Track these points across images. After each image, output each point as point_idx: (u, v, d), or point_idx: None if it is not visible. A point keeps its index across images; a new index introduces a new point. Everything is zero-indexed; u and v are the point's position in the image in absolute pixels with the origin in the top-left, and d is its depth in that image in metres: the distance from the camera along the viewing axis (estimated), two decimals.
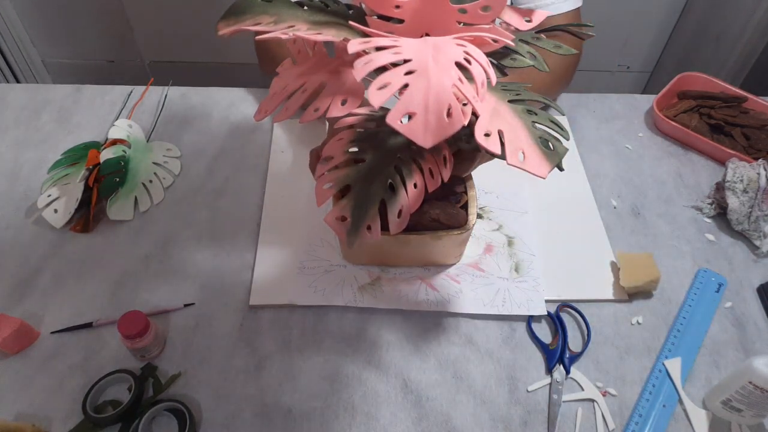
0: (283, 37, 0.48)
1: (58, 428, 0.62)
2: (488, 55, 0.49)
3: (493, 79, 0.45)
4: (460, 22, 0.54)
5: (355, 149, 0.58)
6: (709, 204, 0.84)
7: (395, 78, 0.42)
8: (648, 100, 1.00)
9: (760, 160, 0.83)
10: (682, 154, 0.92)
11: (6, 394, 0.64)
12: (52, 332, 0.69)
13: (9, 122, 0.94)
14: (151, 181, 0.84)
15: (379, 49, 0.44)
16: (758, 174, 0.80)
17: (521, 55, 0.56)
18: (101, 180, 0.80)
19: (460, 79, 0.43)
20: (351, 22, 0.52)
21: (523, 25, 0.58)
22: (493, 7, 0.51)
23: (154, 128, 0.93)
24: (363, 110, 0.57)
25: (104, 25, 1.73)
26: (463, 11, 0.52)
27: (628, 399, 0.65)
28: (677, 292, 0.75)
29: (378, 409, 0.64)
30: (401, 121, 0.43)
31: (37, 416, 0.62)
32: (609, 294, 0.74)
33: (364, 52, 0.46)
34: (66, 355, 0.67)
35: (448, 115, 0.42)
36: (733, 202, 0.80)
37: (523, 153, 0.46)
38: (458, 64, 0.44)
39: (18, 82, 1.76)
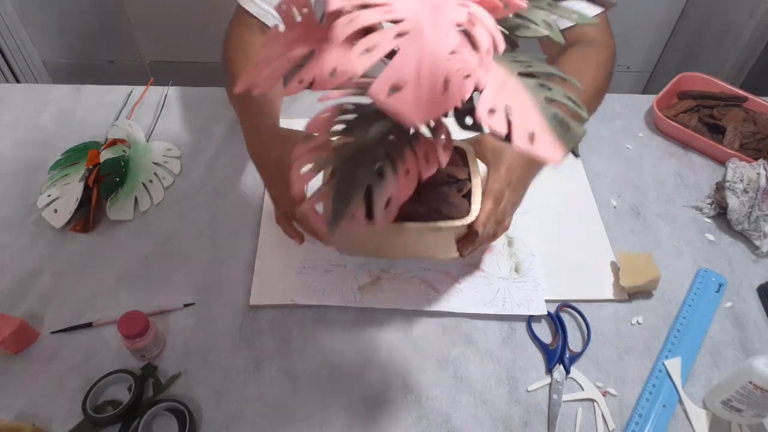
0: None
1: (58, 428, 0.62)
2: (498, 22, 0.44)
3: (501, 47, 0.40)
4: None
5: (341, 127, 0.51)
6: (709, 204, 0.84)
7: (383, 40, 0.37)
8: (648, 100, 1.00)
9: (760, 160, 0.83)
10: (682, 154, 0.92)
11: (6, 394, 0.64)
12: (52, 332, 0.69)
13: (9, 122, 0.94)
14: (151, 181, 0.84)
15: (365, 7, 0.39)
16: (758, 174, 0.80)
17: (535, 23, 0.49)
18: (101, 180, 0.80)
19: (461, 42, 0.37)
20: None
21: None
22: None
23: (154, 128, 0.93)
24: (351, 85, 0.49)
25: (104, 25, 1.73)
26: None
27: (628, 399, 0.65)
28: (677, 292, 0.75)
29: (378, 409, 0.64)
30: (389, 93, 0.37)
31: (37, 416, 0.62)
32: (609, 294, 0.74)
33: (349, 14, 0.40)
34: (66, 355, 0.67)
35: (444, 87, 0.36)
36: (733, 202, 0.80)
37: (533, 134, 0.40)
38: (460, 29, 0.39)
39: (18, 82, 1.76)
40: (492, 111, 0.39)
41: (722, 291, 0.74)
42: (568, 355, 0.67)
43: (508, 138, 0.40)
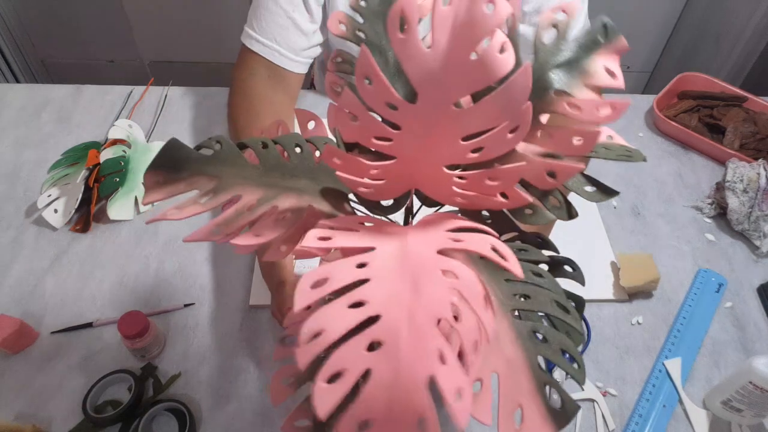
0: (215, 239, 0.39)
1: (58, 428, 0.62)
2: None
3: (490, 334, 0.34)
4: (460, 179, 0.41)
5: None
6: (709, 204, 0.84)
7: (355, 359, 0.30)
8: (648, 100, 1.00)
9: (760, 160, 0.83)
10: (682, 154, 0.92)
11: (6, 394, 0.64)
12: (52, 332, 0.69)
13: (9, 122, 0.94)
14: None
15: (339, 293, 0.33)
16: (758, 174, 0.80)
17: (544, 206, 0.43)
18: (101, 180, 0.80)
19: (441, 357, 0.31)
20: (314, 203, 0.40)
21: (545, 184, 0.41)
22: (502, 179, 0.38)
23: (154, 128, 0.93)
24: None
25: (104, 25, 1.73)
26: (462, 178, 0.39)
27: (628, 399, 0.65)
28: (677, 292, 0.75)
29: None
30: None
31: (37, 416, 0.62)
32: (609, 294, 0.74)
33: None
34: (66, 355, 0.67)
35: (418, 426, 0.30)
36: (733, 202, 0.80)
37: (522, 411, 0.34)
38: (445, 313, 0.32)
39: (18, 82, 1.76)
40: (479, 382, 0.34)
41: (722, 291, 0.74)
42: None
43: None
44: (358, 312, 0.32)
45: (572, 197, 0.68)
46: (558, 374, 0.66)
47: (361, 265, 0.34)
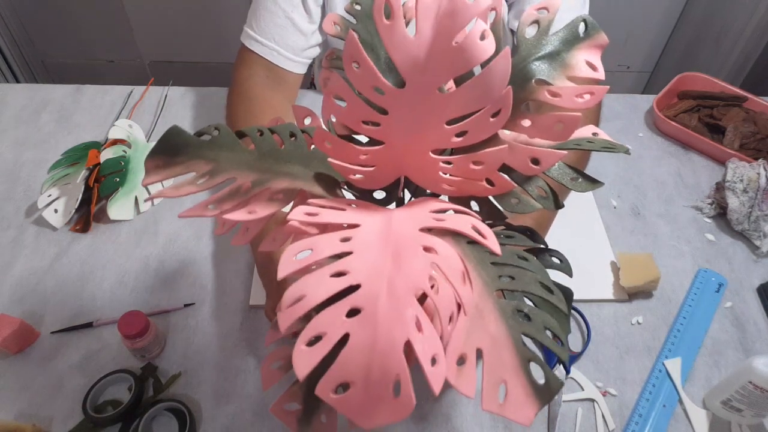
0: (208, 214, 0.41)
1: (58, 428, 0.62)
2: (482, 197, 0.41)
3: (467, 307, 0.35)
4: (446, 169, 0.42)
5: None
6: (709, 204, 0.84)
7: (334, 324, 0.32)
8: (648, 100, 1.00)
9: (760, 160, 0.83)
10: (682, 154, 0.92)
11: (6, 394, 0.64)
12: (52, 332, 0.69)
13: (9, 122, 0.94)
14: None
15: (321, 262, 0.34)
16: (758, 174, 0.81)
17: (529, 194, 0.44)
18: (101, 180, 0.80)
19: (417, 324, 0.32)
20: (304, 186, 0.41)
21: (528, 170, 0.41)
22: (486, 163, 0.39)
23: (155, 128, 0.93)
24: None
25: (104, 25, 1.73)
26: (448, 163, 0.41)
27: (628, 399, 0.65)
28: (677, 292, 0.75)
29: None
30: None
31: (37, 416, 0.62)
32: (609, 294, 0.74)
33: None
34: (66, 355, 0.67)
35: (395, 391, 0.31)
36: (733, 202, 0.80)
37: (506, 386, 0.34)
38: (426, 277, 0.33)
39: (18, 82, 1.76)
40: (462, 360, 0.35)
41: (722, 291, 0.74)
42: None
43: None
44: (340, 280, 0.33)
45: (571, 198, 0.69)
46: (558, 374, 0.66)
47: (345, 239, 0.36)
